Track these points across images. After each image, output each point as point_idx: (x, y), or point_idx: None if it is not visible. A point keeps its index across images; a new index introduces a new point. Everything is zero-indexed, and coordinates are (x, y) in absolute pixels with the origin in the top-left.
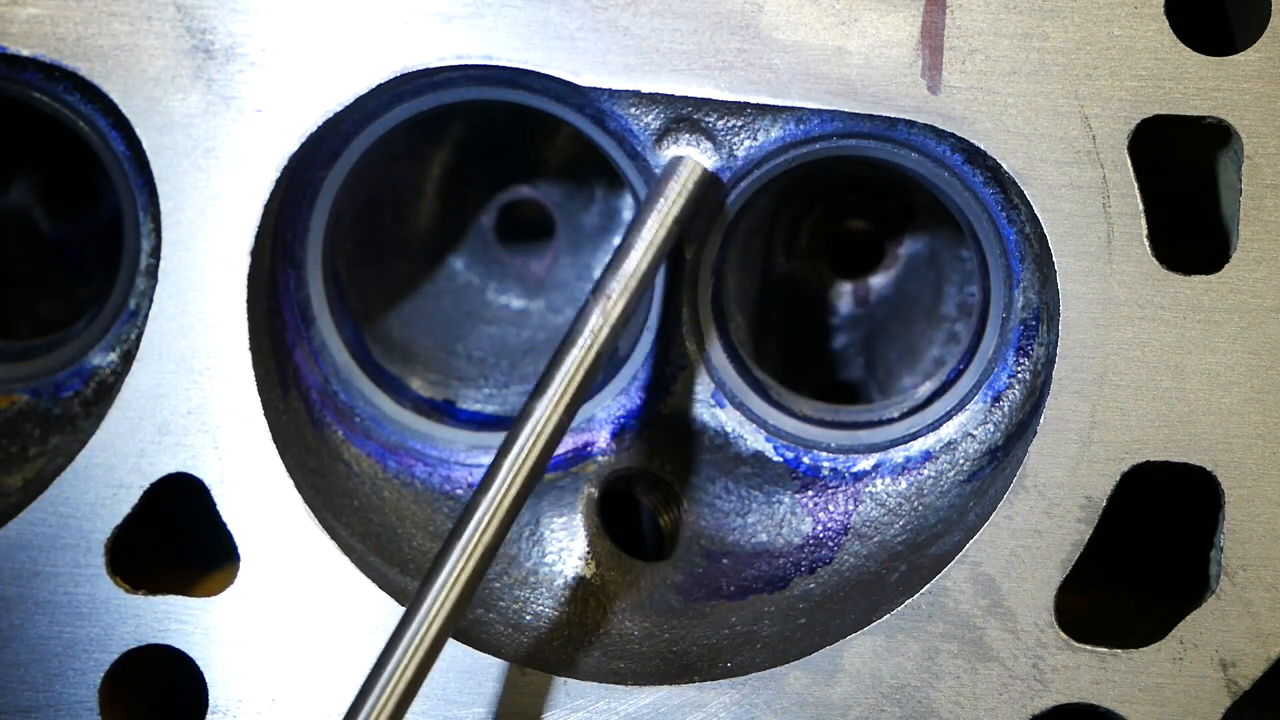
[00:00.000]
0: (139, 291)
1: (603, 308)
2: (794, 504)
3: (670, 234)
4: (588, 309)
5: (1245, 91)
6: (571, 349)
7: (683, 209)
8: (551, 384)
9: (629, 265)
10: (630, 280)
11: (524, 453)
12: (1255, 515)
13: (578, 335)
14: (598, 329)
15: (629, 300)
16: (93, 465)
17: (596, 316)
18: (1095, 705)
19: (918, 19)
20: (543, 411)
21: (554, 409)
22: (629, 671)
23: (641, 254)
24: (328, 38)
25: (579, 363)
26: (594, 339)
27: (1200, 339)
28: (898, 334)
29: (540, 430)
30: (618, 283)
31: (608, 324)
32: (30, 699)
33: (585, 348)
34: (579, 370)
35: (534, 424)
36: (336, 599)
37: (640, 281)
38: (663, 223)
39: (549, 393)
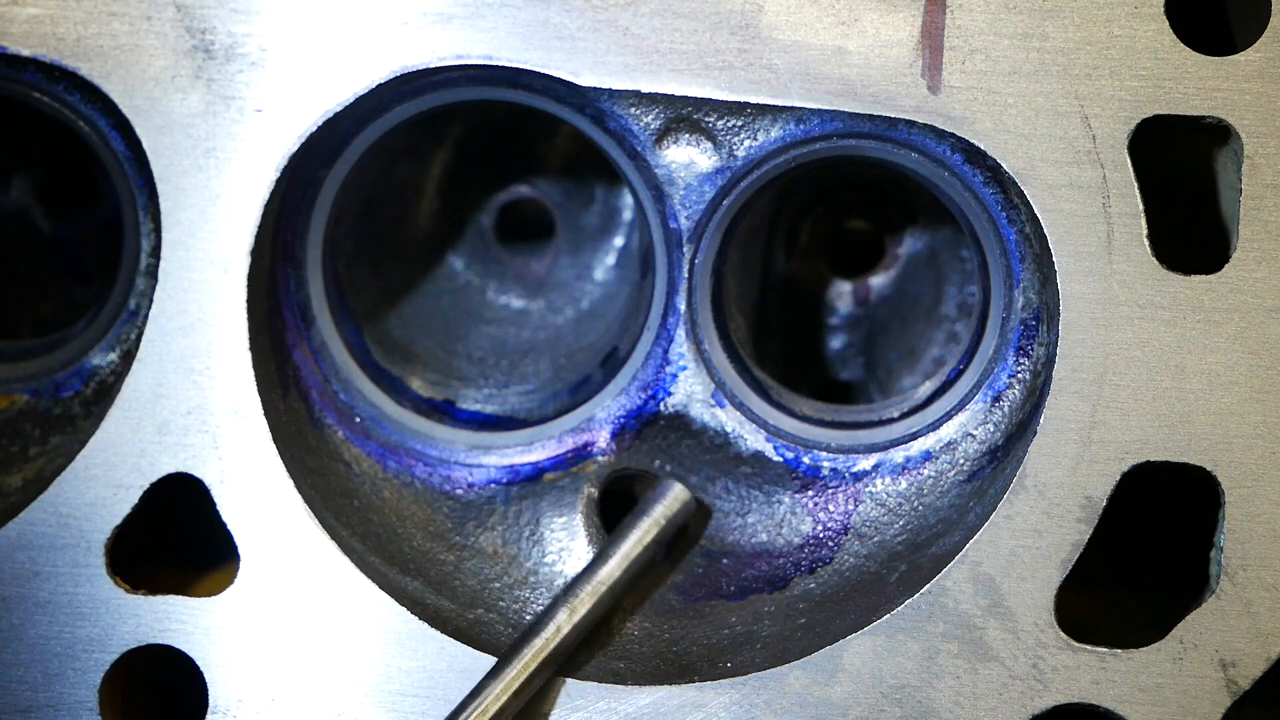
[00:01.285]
0: (139, 291)
1: (570, 607)
2: (794, 504)
3: (647, 552)
4: (555, 607)
5: (1245, 91)
6: (533, 639)
7: (662, 531)
8: (503, 672)
9: (603, 574)
10: (601, 588)
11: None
12: (1255, 515)
13: (541, 628)
14: (561, 625)
15: (595, 606)
16: (93, 465)
17: (563, 613)
18: (1095, 705)
19: (918, 19)
20: (492, 690)
21: (504, 691)
22: (629, 671)
23: (616, 565)
24: (327, 38)
25: (537, 652)
26: (556, 635)
27: (1200, 339)
28: (898, 334)
29: (484, 710)
30: (589, 588)
31: (570, 623)
32: (30, 699)
33: (546, 639)
34: (533, 662)
35: (480, 702)
36: (336, 599)
37: (609, 591)
38: (642, 540)
39: (500, 677)
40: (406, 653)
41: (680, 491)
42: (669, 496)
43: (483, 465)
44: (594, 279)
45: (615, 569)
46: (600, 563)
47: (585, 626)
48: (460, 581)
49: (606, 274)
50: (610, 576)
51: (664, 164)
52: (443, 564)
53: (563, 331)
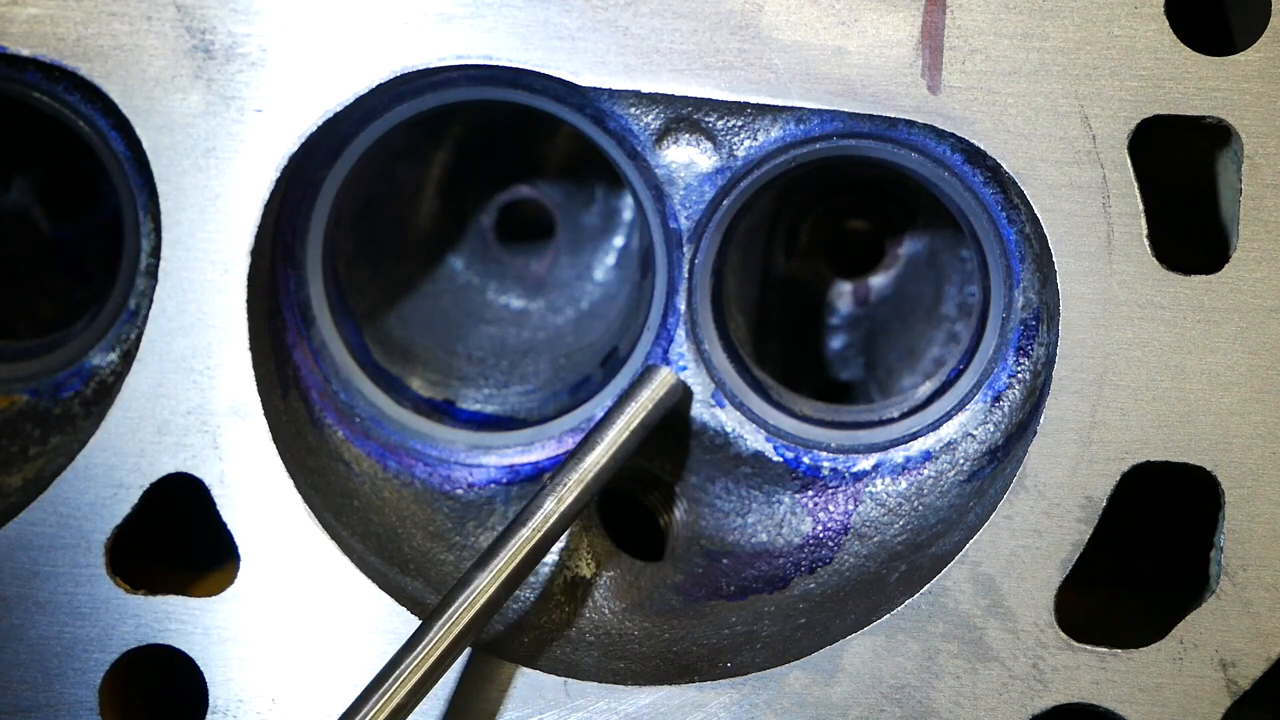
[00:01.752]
0: (139, 291)
1: (557, 495)
2: (794, 504)
3: (634, 437)
4: (542, 495)
5: (1245, 91)
6: (521, 528)
7: (649, 415)
8: (493, 559)
9: (589, 460)
10: (588, 475)
11: (451, 620)
12: (1255, 515)
13: (528, 517)
14: (549, 514)
15: (583, 493)
16: (93, 465)
17: (550, 502)
18: (1095, 705)
19: (918, 19)
20: (479, 583)
21: (491, 582)
22: (629, 671)
23: (603, 452)
24: (328, 38)
25: (526, 540)
26: (544, 522)
27: (1200, 339)
28: (898, 334)
29: (473, 600)
30: (575, 475)
31: (558, 511)
32: (30, 699)
33: (534, 528)
34: (522, 549)
35: (468, 593)
36: (336, 599)
37: (596, 478)
38: (628, 426)
39: (490, 565)
40: None
41: (667, 374)
42: (655, 379)
43: (483, 465)
44: (594, 279)
45: (602, 454)
46: (587, 448)
47: (573, 514)
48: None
49: (606, 274)
50: (597, 462)
51: (664, 164)
52: (443, 564)
53: (563, 331)
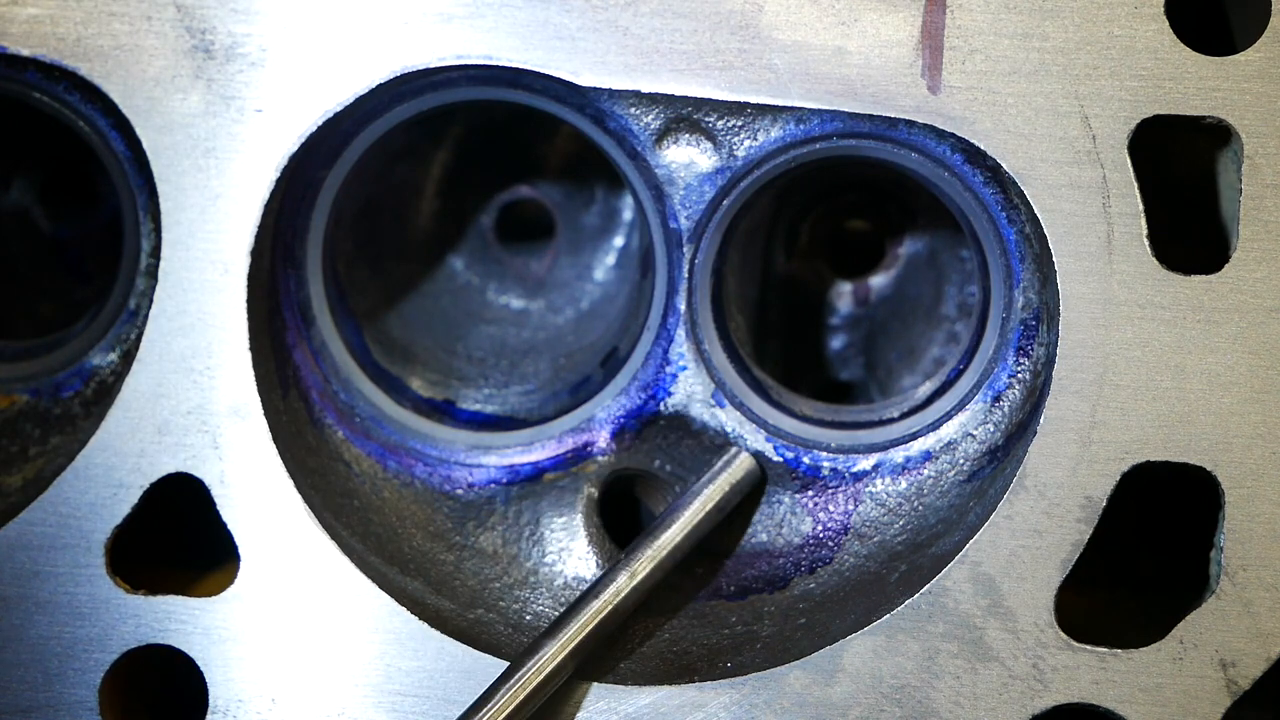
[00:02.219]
0: (139, 291)
1: (630, 570)
2: (794, 504)
3: (709, 519)
4: (617, 569)
5: (1245, 91)
6: (593, 600)
7: (725, 498)
8: (564, 629)
9: (665, 538)
10: (662, 552)
11: (519, 684)
12: (1255, 515)
13: (601, 589)
14: (622, 588)
15: (655, 569)
16: (93, 465)
17: (624, 577)
18: (1095, 705)
19: (918, 19)
20: (547, 651)
21: (559, 651)
22: (629, 671)
23: (678, 531)
24: (328, 38)
25: (596, 613)
26: (616, 596)
27: (1200, 339)
28: (898, 334)
29: (539, 668)
30: (651, 551)
31: (631, 585)
32: (30, 699)
33: (606, 601)
34: (592, 622)
35: (535, 662)
36: (336, 599)
37: (670, 555)
38: (704, 508)
39: (559, 635)
40: (406, 653)
41: (745, 459)
42: (735, 464)
43: (483, 465)
44: (594, 279)
45: (677, 533)
46: (662, 526)
47: (645, 589)
48: (460, 581)
49: (606, 274)
50: (671, 540)
51: (664, 164)
52: (443, 564)
53: (563, 331)
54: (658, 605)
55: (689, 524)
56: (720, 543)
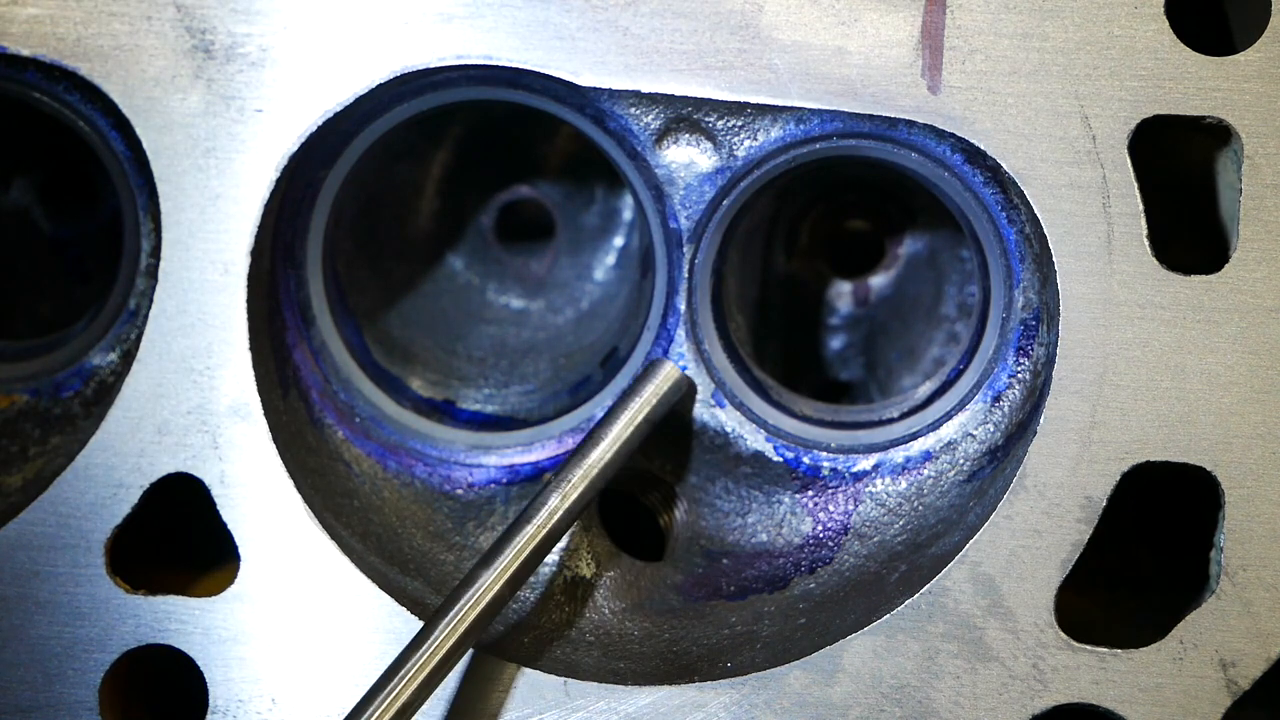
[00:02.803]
0: (139, 291)
1: (562, 491)
2: (794, 504)
3: (639, 432)
4: (546, 491)
5: (1245, 91)
6: (526, 525)
7: (654, 410)
8: (498, 556)
9: (594, 456)
10: (593, 470)
11: (458, 617)
12: (1255, 515)
13: (534, 513)
14: (554, 509)
15: (588, 489)
16: (93, 465)
17: (555, 499)
18: (1095, 705)
19: (918, 19)
20: (485, 580)
21: (497, 579)
22: (629, 671)
23: (607, 447)
24: (328, 38)
25: (530, 538)
26: (549, 518)
27: (1200, 339)
28: (898, 334)
29: (478, 597)
30: (580, 470)
31: (563, 508)
32: (30, 699)
33: (539, 525)
34: (528, 546)
35: (474, 591)
36: (336, 599)
37: (601, 473)
38: (633, 421)
39: (495, 563)
40: None
41: (671, 369)
42: (660, 374)
43: (483, 465)
44: (594, 279)
45: (607, 449)
46: (591, 444)
47: (577, 510)
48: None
49: (606, 274)
50: (602, 458)
51: (664, 164)
52: (443, 564)
53: (563, 331)
54: (658, 605)
55: (618, 440)
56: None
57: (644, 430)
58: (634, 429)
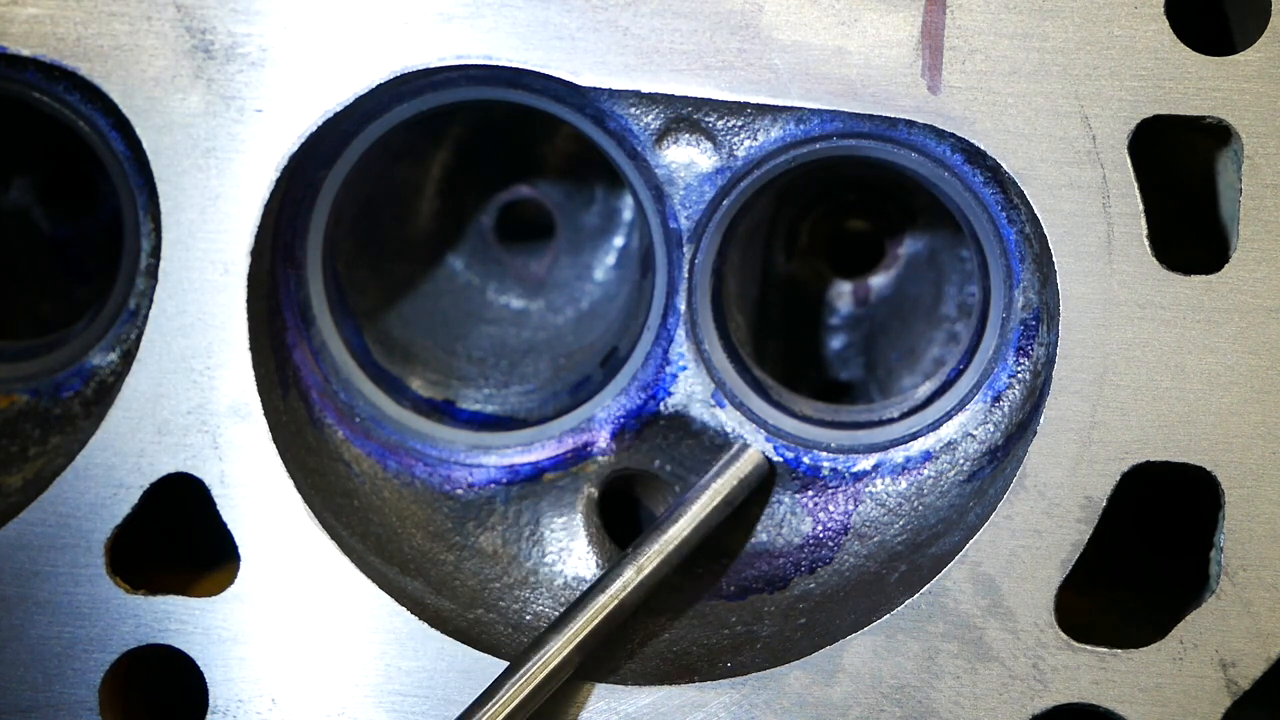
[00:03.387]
0: (139, 291)
1: (637, 565)
2: (794, 504)
3: (717, 513)
4: (623, 563)
5: (1245, 91)
6: (599, 595)
7: (733, 493)
8: (570, 623)
9: (672, 533)
10: (669, 546)
11: (523, 679)
12: (1255, 515)
13: (608, 584)
14: (628, 583)
15: (662, 564)
16: (93, 465)
17: (630, 572)
18: (1095, 705)
19: (918, 19)
20: (552, 647)
21: (565, 645)
22: (629, 671)
23: (685, 525)
24: (328, 38)
25: (602, 608)
26: (623, 590)
27: (1200, 339)
28: (898, 334)
29: (544, 664)
30: (658, 546)
31: (638, 579)
32: (30, 699)
33: (612, 596)
34: (597, 618)
35: (540, 657)
36: (336, 599)
37: (677, 550)
38: (713, 502)
39: (565, 629)
40: (406, 653)
41: (754, 454)
42: (744, 458)
43: (483, 465)
44: (594, 279)
45: (684, 528)
46: (670, 521)
47: (652, 585)
48: (460, 581)
49: (606, 274)
50: (679, 535)
51: (664, 164)
52: (443, 564)
53: (563, 331)
54: (658, 605)
55: (696, 518)
56: (723, 540)
57: (723, 511)
58: (713, 510)
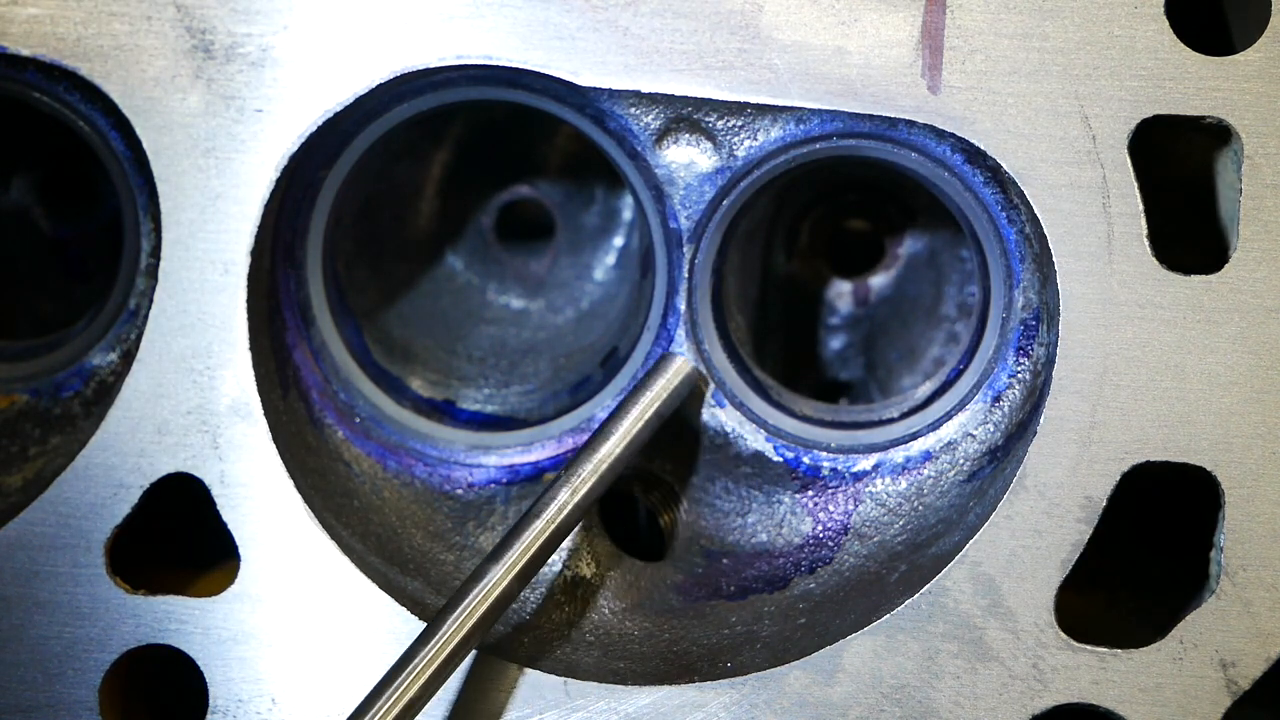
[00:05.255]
0: (139, 291)
1: (572, 485)
2: (794, 504)
3: (648, 427)
4: (557, 485)
5: (1245, 91)
6: (535, 520)
7: (664, 404)
8: (507, 551)
9: (604, 450)
10: (603, 464)
11: (465, 612)
12: (1255, 515)
13: (543, 508)
14: (564, 504)
15: (597, 483)
16: (93, 465)
17: (565, 493)
18: (1095, 705)
19: (918, 19)
20: (494, 575)
21: (506, 573)
22: (629, 671)
23: (617, 442)
24: (328, 38)
25: (539, 533)
26: (559, 513)
27: (1200, 339)
28: (898, 334)
29: (486, 593)
30: (590, 465)
31: (573, 502)
32: (30, 699)
33: (549, 520)
34: (537, 540)
35: (483, 585)
36: (336, 599)
37: (611, 467)
38: (642, 415)
39: (503, 557)
40: None
41: (682, 364)
42: (670, 369)
43: (483, 465)
44: (594, 279)
45: (617, 444)
46: (601, 438)
47: (587, 505)
48: (460, 581)
49: (606, 274)
50: (611, 452)
51: (664, 164)
52: (443, 564)
53: (563, 331)
54: (658, 605)
55: (628, 434)
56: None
57: (653, 425)
58: (644, 423)
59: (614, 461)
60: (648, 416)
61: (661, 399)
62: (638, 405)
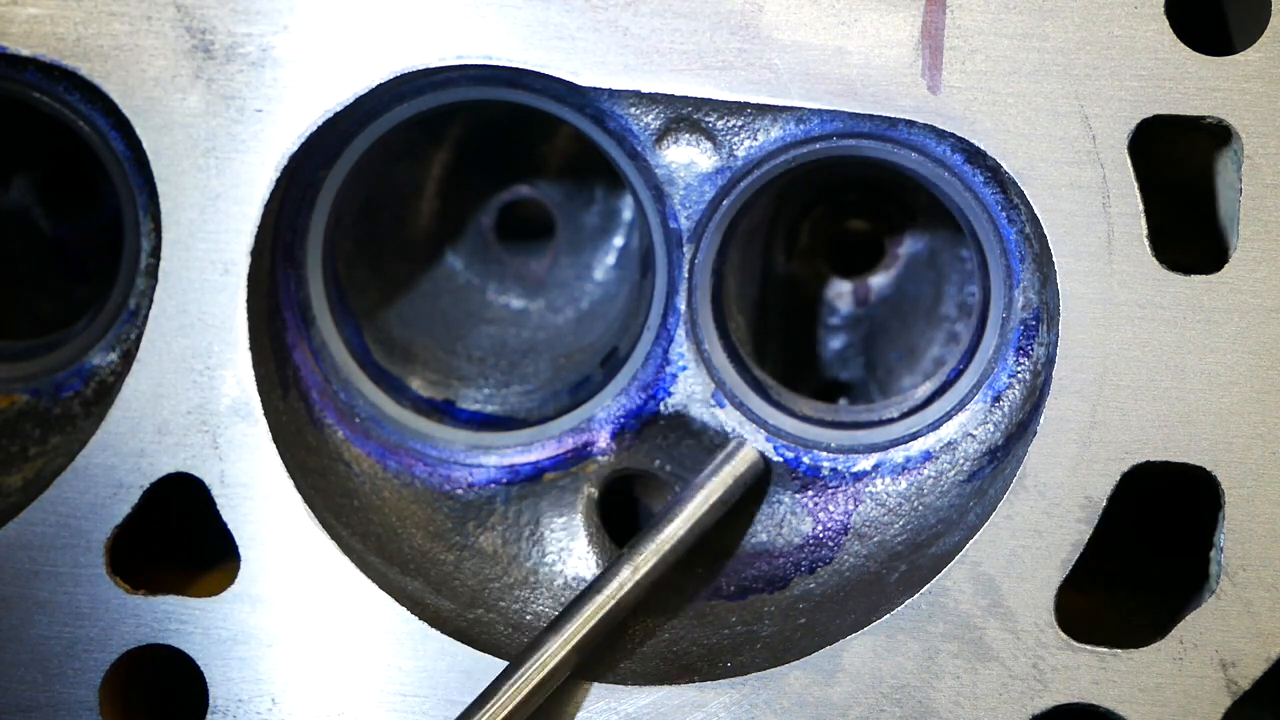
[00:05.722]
0: (139, 291)
1: (634, 564)
2: (794, 504)
3: (713, 512)
4: (620, 563)
5: (1245, 91)
6: (596, 595)
7: (729, 491)
8: (567, 623)
9: (668, 532)
10: (665, 546)
11: (521, 680)
12: (1255, 515)
13: (605, 584)
14: (625, 582)
15: (659, 563)
16: (93, 465)
17: (627, 571)
18: (1095, 705)
19: (918, 19)
20: (550, 647)
21: (562, 646)
22: (629, 671)
23: (680, 525)
24: (328, 37)
25: (599, 608)
26: (619, 590)
27: (1200, 339)
28: (898, 334)
29: (542, 665)
30: (654, 545)
31: (634, 580)
32: (30, 699)
33: (609, 596)
34: (596, 615)
35: (538, 658)
36: (336, 599)
37: (674, 549)
38: (708, 500)
39: (563, 630)
40: (406, 653)
41: (749, 451)
42: (739, 456)
43: (483, 465)
44: (594, 279)
45: (680, 527)
46: (666, 520)
47: (648, 584)
48: (460, 581)
49: (606, 274)
50: (675, 534)
51: (664, 164)
52: (443, 564)
53: (563, 331)
54: (658, 605)
55: (692, 517)
56: (722, 540)
57: (718, 510)
58: (709, 509)
59: (676, 544)
60: (712, 502)
61: (727, 485)
62: (704, 490)
